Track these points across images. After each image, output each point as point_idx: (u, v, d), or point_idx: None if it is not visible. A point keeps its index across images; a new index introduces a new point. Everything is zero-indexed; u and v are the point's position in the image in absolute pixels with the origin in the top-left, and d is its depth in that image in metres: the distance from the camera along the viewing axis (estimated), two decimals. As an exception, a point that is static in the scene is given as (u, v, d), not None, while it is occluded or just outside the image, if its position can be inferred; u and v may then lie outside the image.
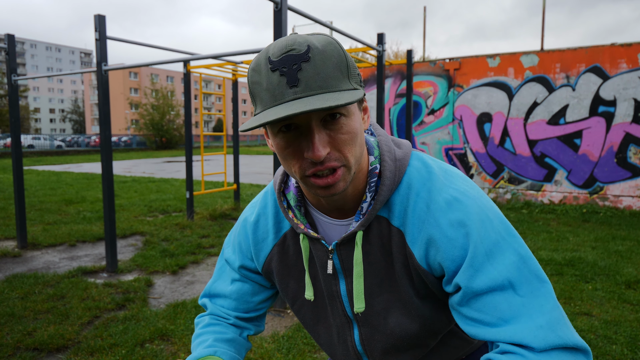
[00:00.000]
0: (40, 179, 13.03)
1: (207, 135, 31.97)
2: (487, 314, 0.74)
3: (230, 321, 1.02)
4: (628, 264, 4.44)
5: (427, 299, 0.87)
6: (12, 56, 5.14)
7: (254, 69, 0.73)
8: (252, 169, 17.32)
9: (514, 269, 0.74)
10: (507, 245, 0.77)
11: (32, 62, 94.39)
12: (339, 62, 0.71)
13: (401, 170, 0.83)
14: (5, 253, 5.05)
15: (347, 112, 0.73)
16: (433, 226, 0.78)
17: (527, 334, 0.70)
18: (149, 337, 2.96)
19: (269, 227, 0.95)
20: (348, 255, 0.86)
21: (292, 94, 0.68)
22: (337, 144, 0.73)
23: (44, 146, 32.64)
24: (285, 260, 0.95)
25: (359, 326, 0.92)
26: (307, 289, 0.92)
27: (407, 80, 6.09)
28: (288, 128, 0.73)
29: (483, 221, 0.78)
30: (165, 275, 4.37)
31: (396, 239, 0.83)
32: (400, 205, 0.82)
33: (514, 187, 8.22)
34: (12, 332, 3.02)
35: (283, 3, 3.12)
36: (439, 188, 0.80)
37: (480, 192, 0.83)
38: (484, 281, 0.74)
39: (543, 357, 0.69)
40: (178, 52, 5.60)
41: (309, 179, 0.75)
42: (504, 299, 0.73)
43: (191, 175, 6.95)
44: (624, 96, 7.21)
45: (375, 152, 0.85)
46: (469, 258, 0.75)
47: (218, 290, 1.04)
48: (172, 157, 27.41)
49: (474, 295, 0.75)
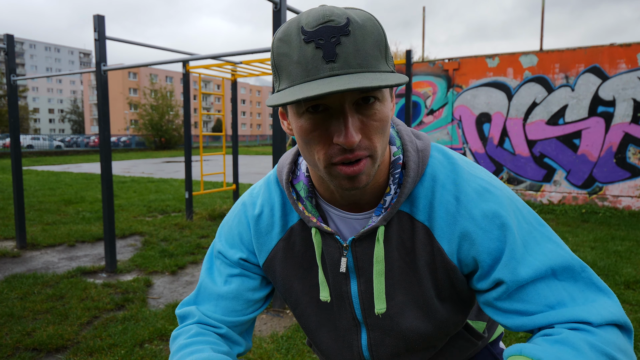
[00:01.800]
0: (40, 179, 13.02)
1: (206, 135, 31.95)
2: (532, 303, 0.72)
3: (222, 330, 0.88)
4: (627, 264, 4.45)
5: (447, 300, 0.83)
6: (11, 56, 5.13)
7: (281, 39, 0.66)
8: (252, 169, 17.32)
9: (553, 256, 0.73)
10: (541, 234, 0.75)
11: (31, 62, 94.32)
12: (379, 40, 0.65)
13: (424, 161, 0.78)
14: (5, 253, 5.04)
15: (382, 96, 0.67)
16: (466, 219, 0.74)
17: (581, 311, 0.69)
18: (148, 337, 2.96)
19: (274, 220, 0.87)
20: (364, 252, 0.80)
21: (328, 70, 0.62)
22: (368, 132, 0.67)
23: (43, 146, 32.61)
24: (290, 257, 0.87)
25: (367, 330, 0.86)
26: (322, 289, 0.84)
27: (406, 81, 6.08)
28: (316, 109, 0.66)
29: (514, 211, 0.76)
30: (164, 275, 4.37)
31: (421, 234, 0.77)
32: (424, 199, 0.77)
33: (513, 188, 8.23)
34: (11, 332, 3.01)
35: (282, 3, 3.12)
36: (465, 179, 0.77)
37: (503, 184, 0.80)
38: (527, 272, 0.71)
39: (602, 330, 0.68)
40: (177, 53, 5.60)
41: (336, 168, 0.68)
42: (547, 287, 0.71)
43: (190, 176, 6.95)
44: (623, 96, 7.22)
45: (397, 142, 0.80)
46: (509, 250, 0.72)
47: (209, 292, 0.90)
48: (171, 157, 27.40)
49: (517, 288, 0.72)
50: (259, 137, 62.02)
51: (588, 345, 0.65)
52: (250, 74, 7.24)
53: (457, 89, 8.65)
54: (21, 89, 53.02)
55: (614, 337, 0.68)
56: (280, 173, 0.86)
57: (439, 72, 8.82)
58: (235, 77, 7.57)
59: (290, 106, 0.70)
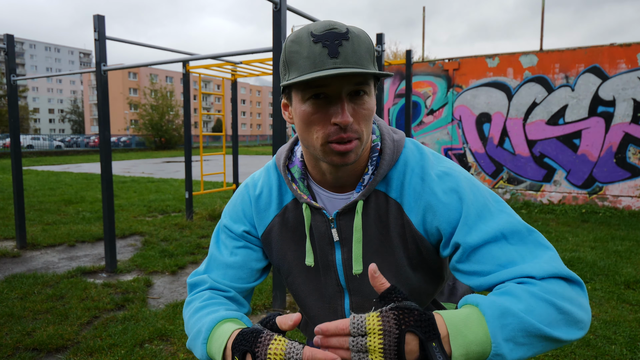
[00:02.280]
0: (40, 179, 13.02)
1: (206, 135, 31.93)
2: (486, 264, 0.82)
3: (231, 294, 1.01)
4: (627, 264, 4.45)
5: (418, 269, 0.96)
6: (11, 56, 5.13)
7: (293, 41, 0.82)
8: (252, 169, 17.32)
9: (504, 223, 0.84)
10: (495, 208, 0.87)
11: (31, 62, 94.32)
12: (369, 47, 0.82)
13: (398, 149, 0.94)
14: (5, 253, 5.04)
15: (369, 91, 0.84)
16: (429, 194, 0.89)
17: (526, 267, 0.79)
18: (148, 337, 2.96)
19: (272, 199, 1.02)
20: (347, 224, 0.94)
21: (332, 64, 0.78)
22: (358, 118, 0.83)
23: (43, 146, 32.61)
24: (285, 231, 1.01)
25: (350, 295, 1.00)
26: (307, 256, 0.99)
27: (406, 81, 6.09)
28: (317, 96, 0.81)
29: (472, 188, 0.88)
30: (164, 275, 4.37)
31: (393, 209, 0.92)
32: (397, 180, 0.92)
33: (513, 188, 8.23)
34: (11, 332, 3.01)
35: (282, 3, 3.12)
36: (430, 165, 0.92)
37: (465, 170, 0.94)
38: (478, 235, 0.83)
39: (545, 282, 0.77)
40: (177, 53, 5.60)
41: (331, 145, 0.83)
42: (498, 248, 0.82)
43: (190, 176, 6.95)
44: (623, 96, 7.22)
45: (376, 132, 0.97)
46: (463, 217, 0.85)
47: (217, 262, 1.03)
48: (171, 157, 27.40)
49: (472, 250, 0.83)
50: (259, 137, 62.03)
51: (527, 293, 0.75)
52: (250, 74, 7.24)
53: (457, 89, 8.65)
54: (21, 89, 53.03)
55: (556, 287, 0.76)
56: (278, 158, 1.02)
57: (439, 72, 8.82)
58: (235, 77, 7.57)
59: (296, 94, 0.85)
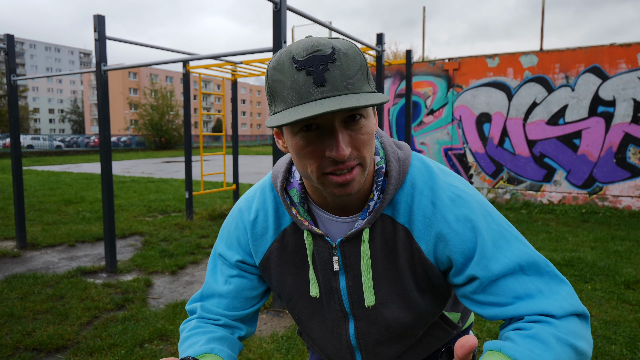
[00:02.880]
0: (40, 179, 13.02)
1: (206, 135, 31.95)
2: (502, 296, 0.80)
3: (221, 322, 0.98)
4: (627, 264, 4.45)
5: (426, 292, 0.92)
6: (11, 56, 5.13)
7: (275, 68, 0.74)
8: (252, 169, 17.32)
9: (521, 254, 0.82)
10: (509, 234, 0.85)
11: (31, 62, 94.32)
12: (360, 64, 0.73)
13: (404, 170, 0.87)
14: (5, 253, 5.04)
15: (366, 114, 0.76)
16: (441, 222, 0.83)
17: (546, 304, 0.78)
18: (148, 337, 2.96)
19: (268, 223, 0.95)
20: (352, 252, 0.89)
21: (319, 93, 0.70)
22: (357, 144, 0.76)
23: (43, 146, 32.60)
24: (284, 257, 0.96)
25: (355, 320, 0.96)
26: (312, 286, 0.94)
27: (406, 81, 6.09)
28: (309, 128, 0.74)
29: (484, 215, 0.85)
30: (164, 275, 4.37)
31: (401, 235, 0.86)
32: (405, 204, 0.86)
33: (513, 188, 8.23)
34: (11, 332, 3.01)
35: (282, 3, 3.12)
36: (441, 186, 0.86)
37: (475, 190, 0.90)
38: (497, 268, 0.80)
39: (564, 322, 0.77)
40: (177, 52, 5.60)
41: (327, 177, 0.77)
42: (515, 281, 0.80)
43: (190, 176, 6.95)
44: (623, 96, 7.22)
45: (380, 153, 0.89)
46: (479, 250, 0.81)
47: (211, 290, 1.00)
48: (171, 157, 27.40)
49: (490, 282, 0.81)
50: (259, 137, 62.01)
51: (554, 338, 0.74)
52: (250, 74, 7.24)
53: (457, 89, 8.64)
54: (21, 89, 53.04)
55: (574, 326, 0.77)
56: (275, 180, 0.94)
57: (439, 72, 8.82)
58: (236, 77, 7.57)
59: (286, 127, 0.77)
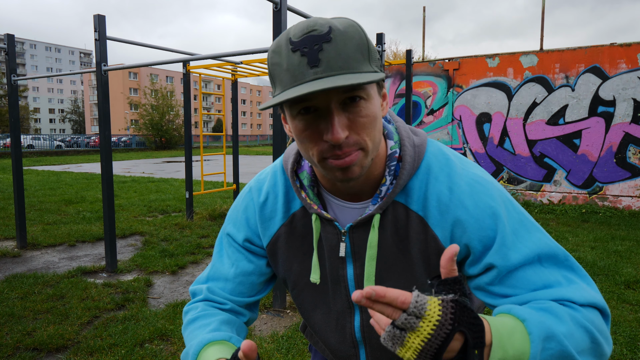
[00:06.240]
0: (40, 179, 13.03)
1: (206, 135, 31.94)
2: (520, 288, 0.77)
3: (227, 306, 0.96)
4: (627, 264, 4.45)
5: None
6: (11, 56, 5.14)
7: (274, 51, 0.73)
8: (252, 169, 17.32)
9: (541, 244, 0.78)
10: (530, 223, 0.81)
11: (31, 62, 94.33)
12: (360, 43, 0.70)
13: (420, 155, 0.84)
14: (5, 253, 5.05)
15: (367, 95, 0.72)
16: (459, 208, 0.79)
17: (566, 291, 0.74)
18: (149, 337, 2.97)
19: (278, 206, 0.93)
20: (360, 238, 0.86)
21: (312, 74, 0.68)
22: (356, 127, 0.72)
23: (43, 146, 32.60)
24: (292, 241, 0.93)
25: (361, 312, 0.92)
26: (313, 272, 0.91)
27: (406, 81, 6.09)
28: (307, 110, 0.72)
29: (505, 202, 0.81)
30: (164, 275, 4.37)
31: (415, 223, 0.83)
32: (419, 190, 0.83)
33: (513, 187, 8.23)
34: (11, 332, 3.02)
35: (282, 3, 3.12)
36: (458, 173, 0.82)
37: (494, 178, 0.86)
38: (517, 258, 0.76)
39: (585, 309, 0.73)
40: (178, 53, 5.60)
41: (327, 161, 0.74)
42: (533, 272, 0.76)
43: (190, 176, 6.95)
44: (623, 96, 7.22)
45: (394, 137, 0.86)
46: (500, 237, 0.77)
47: (218, 273, 0.97)
48: (172, 157, 27.40)
49: (507, 273, 0.77)
50: (259, 137, 62.01)
51: (570, 317, 0.71)
52: (250, 74, 7.24)
53: (457, 89, 8.64)
54: (22, 89, 53.05)
55: (594, 317, 0.73)
56: (285, 162, 0.92)
57: (439, 72, 8.82)
58: (236, 77, 7.57)
59: (287, 109, 0.76)
